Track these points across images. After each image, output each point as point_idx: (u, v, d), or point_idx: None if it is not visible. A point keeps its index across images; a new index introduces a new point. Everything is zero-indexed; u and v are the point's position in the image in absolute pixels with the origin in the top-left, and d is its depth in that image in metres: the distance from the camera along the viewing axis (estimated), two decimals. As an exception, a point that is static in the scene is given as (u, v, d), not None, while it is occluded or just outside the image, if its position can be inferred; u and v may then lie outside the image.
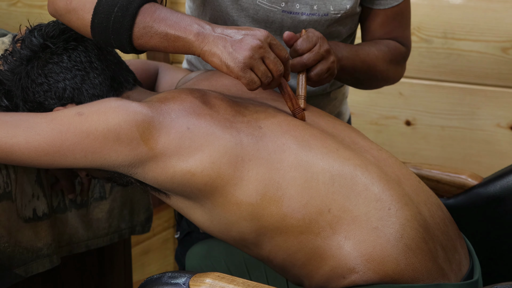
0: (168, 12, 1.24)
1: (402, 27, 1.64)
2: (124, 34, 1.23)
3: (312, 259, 1.21)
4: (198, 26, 1.22)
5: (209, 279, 1.13)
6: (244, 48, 1.20)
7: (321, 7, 1.49)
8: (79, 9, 1.25)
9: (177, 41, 1.22)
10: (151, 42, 1.23)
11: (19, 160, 1.22)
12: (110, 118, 1.20)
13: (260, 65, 1.21)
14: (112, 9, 1.23)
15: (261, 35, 1.22)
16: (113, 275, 1.68)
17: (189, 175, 1.20)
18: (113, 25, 1.23)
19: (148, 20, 1.23)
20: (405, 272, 1.18)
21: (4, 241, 1.28)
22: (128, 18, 1.22)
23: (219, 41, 1.21)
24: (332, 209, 1.20)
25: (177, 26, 1.22)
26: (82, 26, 1.26)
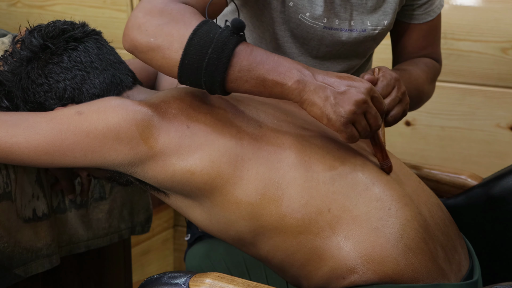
0: (264, 55, 1.17)
1: (435, 42, 1.65)
2: (218, 77, 1.16)
3: (311, 260, 1.21)
4: (298, 72, 1.16)
5: (209, 279, 1.13)
6: (348, 102, 1.15)
7: (358, 23, 1.48)
8: (165, 48, 1.17)
9: (274, 87, 1.16)
10: (245, 86, 1.17)
11: (19, 159, 1.22)
12: (110, 117, 1.20)
13: (361, 120, 1.17)
14: (205, 50, 1.15)
15: (365, 88, 1.17)
16: (113, 275, 1.68)
17: (188, 174, 1.20)
18: (207, 67, 1.15)
19: (244, 63, 1.16)
20: (405, 272, 1.18)
21: (4, 241, 1.28)
22: (224, 60, 1.15)
23: (321, 91, 1.15)
24: (332, 209, 1.20)
25: (276, 71, 1.16)
26: (167, 66, 1.19)
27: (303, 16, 1.44)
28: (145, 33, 1.18)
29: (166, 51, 1.17)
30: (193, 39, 1.16)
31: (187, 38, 1.16)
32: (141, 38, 1.18)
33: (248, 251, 1.28)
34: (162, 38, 1.17)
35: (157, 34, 1.17)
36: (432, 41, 1.64)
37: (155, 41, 1.17)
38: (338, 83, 1.16)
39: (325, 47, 1.50)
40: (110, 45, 1.37)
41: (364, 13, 1.49)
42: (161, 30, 1.17)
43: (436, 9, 1.60)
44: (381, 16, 1.51)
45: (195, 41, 1.15)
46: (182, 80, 1.18)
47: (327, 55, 1.52)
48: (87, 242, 1.50)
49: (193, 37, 1.16)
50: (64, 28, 1.32)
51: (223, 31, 1.16)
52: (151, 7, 1.19)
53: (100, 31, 1.37)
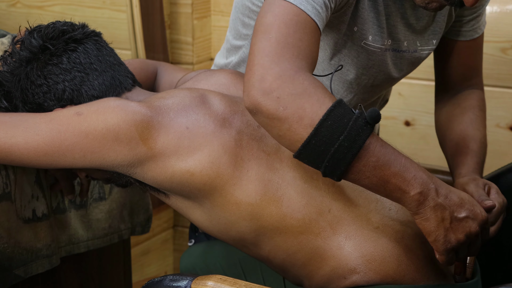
0: (393, 155, 1.12)
1: (480, 64, 1.61)
2: (343, 166, 1.10)
3: (312, 260, 1.21)
4: (422, 182, 1.12)
5: (211, 282, 1.13)
6: (462, 231, 1.13)
7: (411, 43, 1.46)
8: (294, 121, 1.09)
9: (395, 191, 1.12)
10: (364, 181, 1.12)
11: (18, 160, 1.22)
12: (109, 118, 1.20)
13: (464, 249, 1.16)
14: (337, 135, 1.09)
15: (481, 220, 1.15)
16: (113, 275, 1.68)
17: (188, 174, 1.20)
18: (334, 154, 1.09)
19: (372, 159, 1.10)
20: (406, 272, 1.18)
21: (4, 242, 1.28)
22: (354, 151, 1.09)
23: (440, 211, 1.12)
24: (333, 209, 1.20)
25: (401, 176, 1.11)
26: (290, 140, 1.11)
27: (366, 42, 1.40)
28: (276, 100, 1.10)
29: (294, 125, 1.10)
30: (327, 120, 1.09)
31: (320, 117, 1.09)
32: (270, 105, 1.10)
33: (249, 251, 1.28)
34: (293, 110, 1.09)
35: (288, 105, 1.09)
36: (479, 61, 1.59)
37: (284, 111, 1.10)
38: (458, 207, 1.14)
39: (382, 75, 1.47)
40: (109, 47, 1.36)
41: (414, 34, 1.46)
42: (293, 102, 1.10)
43: (482, 26, 1.57)
44: (430, 35, 1.48)
45: (328, 123, 1.09)
46: (300, 157, 1.13)
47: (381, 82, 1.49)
48: (86, 243, 1.50)
49: (326, 118, 1.09)
50: (63, 29, 1.31)
51: (358, 118, 1.10)
52: (281, 72, 1.11)
53: (100, 32, 1.37)
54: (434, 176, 1.14)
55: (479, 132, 1.49)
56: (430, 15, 1.46)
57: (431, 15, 1.47)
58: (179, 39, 2.34)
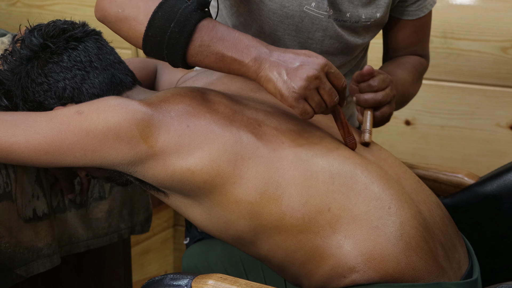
0: (226, 31, 1.21)
1: (425, 38, 1.66)
2: (179, 50, 1.20)
3: (311, 259, 1.21)
4: (255, 49, 1.20)
5: (211, 281, 1.13)
6: (300, 77, 1.17)
7: (354, 15, 1.49)
8: (132, 19, 1.23)
9: (232, 63, 1.20)
10: (205, 61, 1.21)
11: (19, 159, 1.22)
12: (110, 117, 1.20)
13: (314, 95, 1.19)
14: (168, 24, 1.20)
15: (319, 64, 1.19)
16: (113, 275, 1.68)
17: (188, 173, 1.20)
18: (169, 40, 1.20)
19: (205, 38, 1.20)
20: (405, 271, 1.18)
21: (5, 241, 1.28)
22: (185, 34, 1.20)
23: (275, 68, 1.18)
24: (332, 208, 1.20)
25: (235, 48, 1.20)
26: (133, 37, 1.24)
27: (308, 7, 1.44)
28: (114, 3, 1.24)
29: (132, 22, 1.22)
30: (158, 12, 1.20)
31: (152, 11, 1.21)
32: (110, 9, 1.24)
33: (248, 250, 1.28)
34: (129, 10, 1.23)
35: (125, 6, 1.23)
36: (422, 37, 1.65)
37: (122, 12, 1.23)
38: (292, 59, 1.19)
39: (329, 39, 1.50)
40: (110, 45, 1.37)
41: (359, 6, 1.49)
42: (129, 2, 1.23)
43: (428, 6, 1.61)
44: (374, 8, 1.51)
45: (160, 14, 1.20)
46: (146, 52, 1.23)
47: (330, 48, 1.52)
48: (86, 242, 1.50)
49: (158, 10, 1.21)
50: (64, 28, 1.32)
51: (187, 6, 1.21)
52: None
53: (100, 31, 1.37)
54: (271, 45, 1.21)
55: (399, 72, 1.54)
56: None
57: None
58: (179, 39, 2.33)
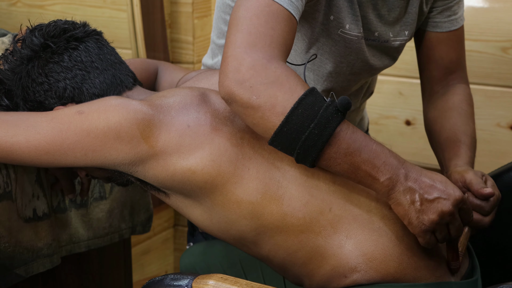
0: (364, 142, 1.14)
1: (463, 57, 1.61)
2: (314, 153, 1.13)
3: (312, 258, 1.21)
4: (391, 168, 1.14)
5: (212, 281, 1.13)
6: (434, 211, 1.14)
7: (382, 34, 1.48)
8: (267, 109, 1.12)
9: (366, 178, 1.15)
10: (336, 168, 1.15)
11: (20, 159, 1.22)
12: (111, 116, 1.20)
13: (443, 230, 1.16)
14: (307, 123, 1.12)
15: (455, 199, 1.15)
16: (113, 275, 1.68)
17: (189, 173, 1.20)
18: (305, 141, 1.12)
19: (343, 146, 1.13)
20: (407, 271, 1.18)
21: (5, 241, 1.28)
22: (324, 138, 1.12)
23: (409, 194, 1.14)
24: (333, 208, 1.20)
25: (371, 163, 1.14)
26: (263, 127, 1.14)
27: (343, 31, 1.42)
28: (249, 90, 1.13)
29: (266, 113, 1.13)
30: (298, 109, 1.12)
31: (291, 105, 1.12)
32: (243, 94, 1.13)
33: (249, 250, 1.28)
34: (265, 99, 1.13)
35: (260, 94, 1.13)
36: (460, 55, 1.60)
37: (257, 100, 1.13)
38: (429, 188, 1.15)
39: (360, 62, 1.49)
40: (110, 46, 1.37)
41: (387, 25, 1.48)
42: (266, 90, 1.13)
43: (459, 20, 1.58)
44: (402, 26, 1.50)
45: (299, 111, 1.12)
46: (273, 144, 1.16)
47: (359, 70, 1.51)
48: (87, 242, 1.50)
49: (297, 106, 1.12)
50: (65, 28, 1.31)
51: (328, 106, 1.12)
52: (253, 62, 1.14)
53: (101, 31, 1.37)
54: (407, 162, 1.17)
55: (469, 127, 1.51)
56: (402, 6, 1.48)
57: (403, 7, 1.49)
58: (180, 38, 2.34)
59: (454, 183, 1.33)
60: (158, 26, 2.26)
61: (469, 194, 1.32)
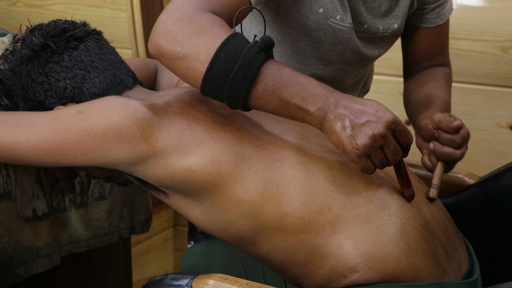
0: (290, 76, 1.15)
1: (446, 47, 1.65)
2: (241, 94, 1.14)
3: (312, 258, 1.21)
4: (321, 98, 1.14)
5: (212, 281, 1.13)
6: (365, 135, 1.13)
7: (372, 26, 1.49)
8: (192, 58, 1.14)
9: (296, 111, 1.15)
10: (267, 106, 1.16)
11: (20, 159, 1.22)
12: (111, 116, 1.20)
13: (378, 153, 1.16)
14: (231, 66, 1.13)
15: (386, 121, 1.15)
16: (113, 275, 1.68)
17: (189, 172, 1.20)
18: (231, 83, 1.13)
19: (269, 83, 1.14)
20: (406, 271, 1.18)
21: (5, 241, 1.28)
22: (249, 78, 1.13)
23: (340, 120, 1.14)
24: (333, 208, 1.20)
25: (299, 95, 1.14)
26: (191, 76, 1.16)
27: (333, 21, 1.43)
28: (173, 41, 1.15)
29: (192, 62, 1.15)
30: (220, 53, 1.13)
31: (214, 51, 1.14)
32: (168, 46, 1.16)
33: (248, 250, 1.28)
34: (189, 48, 1.15)
35: (184, 44, 1.15)
36: (443, 45, 1.64)
37: (181, 50, 1.15)
38: (359, 113, 1.15)
39: (350, 51, 1.50)
40: (110, 45, 1.37)
41: (377, 17, 1.49)
42: (189, 40, 1.15)
43: (447, 13, 1.60)
44: (391, 19, 1.51)
45: (222, 55, 1.13)
46: (204, 92, 1.17)
47: (350, 60, 1.52)
48: (87, 242, 1.50)
49: (220, 51, 1.13)
50: (65, 27, 1.32)
51: (251, 47, 1.14)
52: (180, 15, 1.17)
53: (101, 31, 1.37)
54: (337, 91, 1.17)
55: (444, 94, 1.53)
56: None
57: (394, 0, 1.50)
58: (180, 39, 2.33)
59: (424, 127, 1.36)
60: (158, 26, 2.26)
61: (439, 131, 1.34)
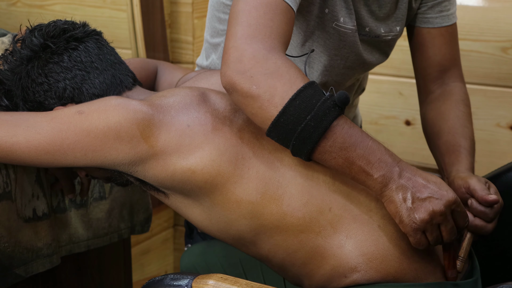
0: (359, 137, 1.15)
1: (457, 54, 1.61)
2: (309, 145, 1.14)
3: (312, 258, 1.21)
4: (386, 166, 1.14)
5: (212, 281, 1.13)
6: (425, 210, 1.13)
7: (373, 29, 1.49)
8: (266, 99, 1.14)
9: (360, 174, 1.15)
10: (331, 162, 1.15)
11: (19, 159, 1.22)
12: (111, 116, 1.20)
13: (434, 230, 1.16)
14: (304, 115, 1.12)
15: (447, 200, 1.15)
16: (113, 275, 1.68)
17: (189, 172, 1.20)
18: (301, 132, 1.13)
19: (339, 140, 1.14)
20: (407, 271, 1.18)
21: (4, 241, 1.28)
22: (320, 131, 1.13)
23: (401, 192, 1.14)
24: (333, 208, 1.20)
25: (366, 159, 1.14)
26: (261, 117, 1.15)
27: (337, 24, 1.43)
28: (249, 79, 1.15)
29: (265, 103, 1.14)
30: (296, 100, 1.13)
31: (289, 96, 1.13)
32: (244, 84, 1.15)
33: (248, 250, 1.28)
34: (265, 89, 1.14)
35: (260, 84, 1.14)
36: (454, 52, 1.60)
37: (257, 89, 1.14)
38: (422, 187, 1.15)
39: (354, 55, 1.50)
40: (110, 46, 1.37)
41: (378, 20, 1.49)
42: (266, 81, 1.14)
43: (451, 16, 1.58)
44: (393, 22, 1.51)
45: (297, 102, 1.13)
46: (270, 135, 1.17)
47: (353, 64, 1.52)
48: (87, 242, 1.50)
49: (296, 98, 1.13)
50: (64, 28, 1.31)
51: (326, 100, 1.13)
52: (255, 52, 1.16)
53: (101, 32, 1.37)
54: (402, 160, 1.17)
55: (468, 129, 1.51)
56: (392, 2, 1.49)
57: (394, 2, 1.50)
58: (180, 38, 2.34)
59: (457, 189, 1.33)
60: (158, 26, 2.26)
61: (473, 201, 1.31)
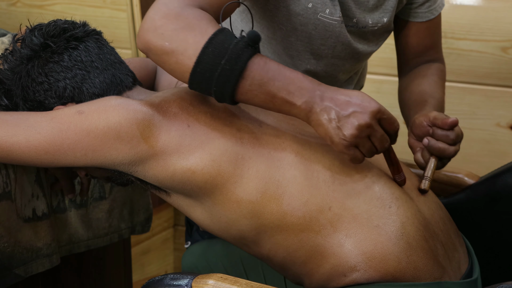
0: (277, 70, 1.16)
1: (439, 42, 1.66)
2: (229, 88, 1.16)
3: (312, 257, 1.21)
4: (307, 92, 1.16)
5: (211, 280, 1.13)
6: (351, 126, 1.15)
7: (361, 20, 1.50)
8: (179, 53, 1.16)
9: (283, 105, 1.17)
10: (254, 100, 1.17)
11: (19, 159, 1.22)
12: (111, 116, 1.20)
13: (365, 143, 1.17)
14: (218, 60, 1.15)
15: (371, 111, 1.16)
16: (113, 275, 1.68)
17: (189, 173, 1.20)
18: (219, 78, 1.15)
19: (256, 77, 1.15)
20: (406, 270, 1.18)
21: (4, 241, 1.28)
22: (236, 72, 1.15)
23: (326, 113, 1.15)
24: (333, 207, 1.21)
25: (286, 89, 1.16)
26: (179, 71, 1.18)
27: (322, 15, 1.44)
28: (161, 36, 1.17)
29: (179, 57, 1.16)
30: (208, 48, 1.15)
31: (202, 46, 1.15)
32: (156, 41, 1.17)
33: (249, 250, 1.28)
34: (177, 43, 1.16)
35: (172, 39, 1.17)
36: (436, 40, 1.65)
37: (169, 45, 1.17)
38: (345, 105, 1.16)
39: (341, 45, 1.50)
40: (110, 45, 1.37)
41: (366, 11, 1.49)
42: (177, 35, 1.17)
43: (438, 8, 1.61)
44: (381, 13, 1.52)
45: (210, 50, 1.15)
46: (192, 86, 1.18)
47: (341, 53, 1.53)
48: (87, 242, 1.50)
49: (208, 46, 1.15)
50: (65, 27, 1.32)
51: (238, 42, 1.15)
52: (167, 11, 1.18)
53: (101, 31, 1.37)
54: (322, 84, 1.18)
55: (437, 93, 1.54)
56: None
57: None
58: (179, 38, 2.33)
59: (419, 125, 1.37)
60: (157, 26, 2.26)
61: (434, 128, 1.34)
